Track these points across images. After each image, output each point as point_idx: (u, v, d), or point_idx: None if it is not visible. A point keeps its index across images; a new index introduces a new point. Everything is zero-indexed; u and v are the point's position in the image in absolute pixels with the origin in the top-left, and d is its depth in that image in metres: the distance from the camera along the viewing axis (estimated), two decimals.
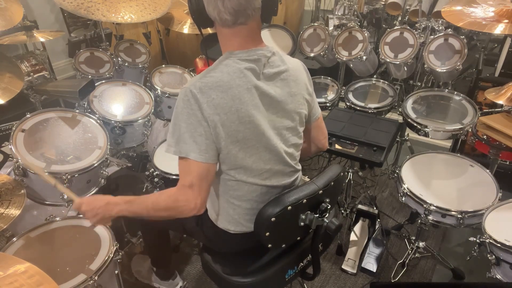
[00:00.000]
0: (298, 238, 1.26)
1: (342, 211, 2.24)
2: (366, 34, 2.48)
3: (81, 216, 1.52)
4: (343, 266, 1.98)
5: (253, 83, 1.06)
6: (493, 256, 1.41)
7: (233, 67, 1.05)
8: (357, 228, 2.08)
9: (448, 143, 2.70)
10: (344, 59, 2.52)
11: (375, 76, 2.96)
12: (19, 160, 1.46)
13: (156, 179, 1.83)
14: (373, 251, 2.01)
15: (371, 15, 3.59)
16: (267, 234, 1.11)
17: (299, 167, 1.28)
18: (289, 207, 1.09)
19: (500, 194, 1.65)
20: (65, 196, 1.54)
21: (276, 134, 1.14)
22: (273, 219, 1.08)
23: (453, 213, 1.61)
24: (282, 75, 1.12)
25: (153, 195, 1.15)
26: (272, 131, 1.12)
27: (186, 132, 1.03)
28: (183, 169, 1.07)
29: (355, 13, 2.95)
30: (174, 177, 1.78)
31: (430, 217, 1.67)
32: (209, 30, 2.35)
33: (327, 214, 1.17)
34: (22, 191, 1.44)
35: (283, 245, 1.23)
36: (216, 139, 1.05)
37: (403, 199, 1.78)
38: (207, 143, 1.04)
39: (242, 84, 1.05)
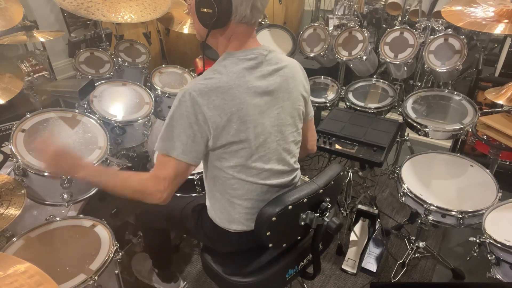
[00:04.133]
0: (299, 237, 1.26)
1: (342, 211, 2.24)
2: (366, 34, 2.48)
3: (81, 216, 1.52)
4: (343, 266, 1.98)
5: (253, 83, 1.07)
6: (493, 256, 1.41)
7: (232, 67, 1.06)
8: (357, 228, 2.08)
9: (448, 143, 2.70)
10: (344, 59, 2.52)
11: (375, 76, 2.96)
12: (19, 160, 1.46)
13: None
14: (373, 251, 2.01)
15: (371, 15, 3.59)
16: (268, 233, 1.11)
17: (298, 165, 1.29)
18: (290, 207, 1.09)
19: (500, 194, 1.65)
20: (65, 196, 1.54)
21: (276, 132, 1.14)
22: (274, 218, 1.08)
23: (453, 213, 1.61)
24: (280, 72, 1.13)
25: (125, 173, 1.16)
26: (272, 129, 1.13)
27: (174, 131, 1.04)
28: (162, 162, 1.08)
29: (355, 13, 2.95)
30: None
31: (430, 217, 1.67)
32: None
33: (328, 213, 1.18)
34: (22, 191, 1.45)
35: (284, 245, 1.23)
36: (217, 140, 1.05)
37: (403, 199, 1.78)
38: (193, 145, 1.05)
39: (241, 84, 1.05)
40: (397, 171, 1.86)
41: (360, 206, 2.08)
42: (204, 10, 1.03)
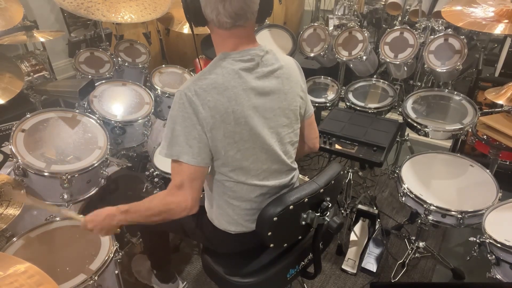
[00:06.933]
0: (300, 237, 1.27)
1: (342, 211, 2.24)
2: (366, 34, 2.48)
3: (81, 216, 1.52)
4: (343, 266, 1.98)
5: (249, 84, 1.06)
6: (493, 256, 1.41)
7: (228, 68, 1.05)
8: (357, 228, 2.08)
9: (448, 143, 2.70)
10: (344, 59, 2.52)
11: (375, 76, 2.96)
12: (19, 160, 1.46)
13: (156, 179, 1.83)
14: (373, 251, 2.01)
15: (371, 15, 3.59)
16: (270, 233, 1.11)
17: (295, 165, 1.28)
18: (291, 207, 1.09)
19: (500, 194, 1.65)
20: (65, 196, 1.54)
21: (272, 133, 1.14)
22: (275, 218, 1.08)
23: (453, 213, 1.61)
24: (276, 73, 1.12)
25: (145, 201, 1.14)
26: (268, 131, 1.12)
27: (180, 135, 1.03)
28: (174, 170, 1.07)
29: (355, 13, 2.95)
30: None
31: (430, 217, 1.67)
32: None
33: (328, 213, 1.18)
34: (22, 191, 1.44)
35: (285, 245, 1.23)
36: (212, 141, 1.05)
37: (403, 199, 1.78)
38: (200, 146, 1.04)
39: (237, 85, 1.05)
40: (397, 171, 1.86)
41: (360, 206, 2.08)
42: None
